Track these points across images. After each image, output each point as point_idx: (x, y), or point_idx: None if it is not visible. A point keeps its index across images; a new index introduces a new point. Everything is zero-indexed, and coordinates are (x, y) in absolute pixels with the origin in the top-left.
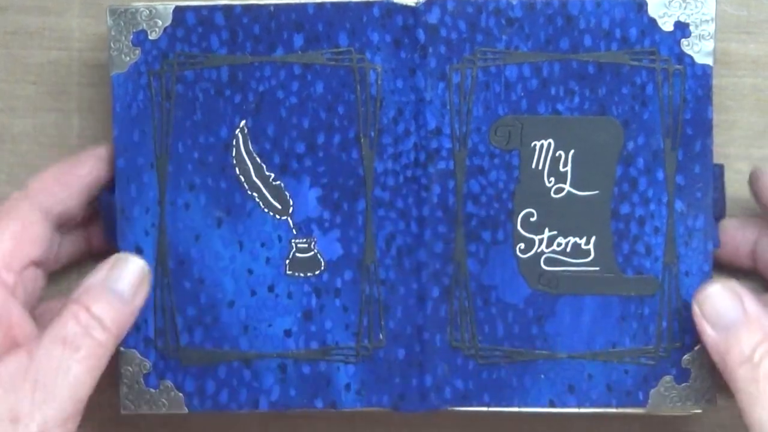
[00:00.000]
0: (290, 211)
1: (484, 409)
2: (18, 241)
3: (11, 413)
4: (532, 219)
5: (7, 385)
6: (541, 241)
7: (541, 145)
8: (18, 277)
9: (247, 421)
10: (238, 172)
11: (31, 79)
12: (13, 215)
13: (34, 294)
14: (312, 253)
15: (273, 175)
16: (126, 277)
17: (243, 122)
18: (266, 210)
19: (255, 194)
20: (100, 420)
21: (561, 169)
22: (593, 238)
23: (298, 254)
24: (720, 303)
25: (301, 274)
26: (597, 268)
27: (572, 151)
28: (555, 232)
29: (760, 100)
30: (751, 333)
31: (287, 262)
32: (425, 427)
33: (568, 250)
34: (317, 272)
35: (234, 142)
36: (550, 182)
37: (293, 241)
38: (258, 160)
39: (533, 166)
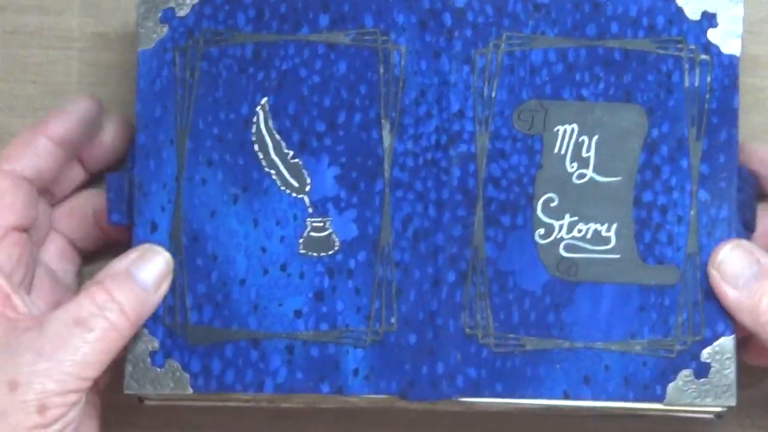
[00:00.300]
0: (307, 189)
1: (497, 400)
2: None
3: (10, 380)
4: (552, 204)
5: (13, 352)
6: (561, 227)
7: (565, 130)
8: None
9: (247, 421)
10: (256, 148)
11: (31, 79)
12: None
13: (22, 259)
14: (327, 232)
15: (292, 152)
16: (152, 268)
17: (264, 99)
18: (283, 188)
19: (272, 171)
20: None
21: (584, 154)
22: (614, 225)
23: (312, 233)
24: (736, 262)
25: (315, 254)
26: (617, 256)
27: (596, 137)
28: (576, 218)
29: (760, 99)
30: None
31: (301, 241)
32: (426, 428)
33: (589, 236)
34: (331, 252)
35: (254, 119)
36: (572, 167)
37: (308, 220)
38: (277, 137)
39: (556, 150)
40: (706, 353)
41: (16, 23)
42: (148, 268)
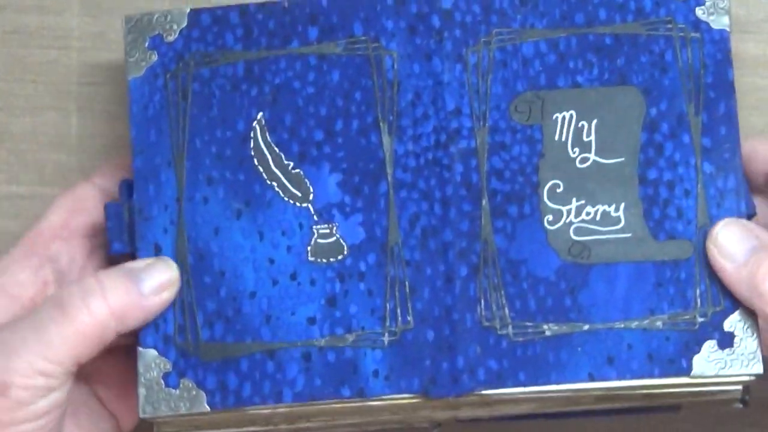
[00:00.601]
0: (311, 197)
1: (520, 389)
2: (70, 213)
3: None
4: (558, 190)
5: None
6: (569, 212)
7: (563, 117)
8: (63, 244)
9: None
10: (256, 163)
11: (31, 78)
12: (69, 194)
13: (79, 264)
14: (334, 238)
15: (292, 163)
16: (155, 273)
17: (260, 114)
18: (286, 198)
19: (274, 183)
20: None
21: (585, 138)
22: (622, 205)
23: (320, 240)
24: (734, 237)
25: (324, 260)
26: (628, 235)
27: (595, 121)
28: (583, 201)
29: (760, 99)
30: None
31: (309, 248)
32: None
33: (598, 218)
34: (340, 257)
35: (252, 135)
36: (574, 152)
37: (314, 227)
38: (276, 149)
39: (556, 138)
40: (728, 323)
41: (16, 23)
42: (151, 273)
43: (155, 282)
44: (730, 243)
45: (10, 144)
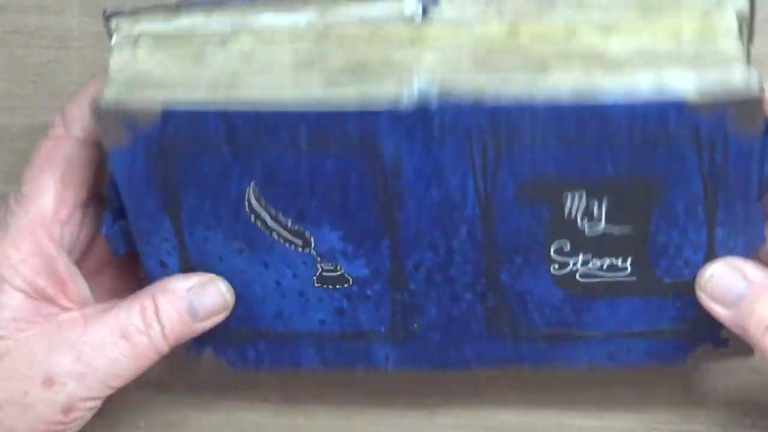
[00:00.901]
0: (312, 245)
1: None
2: (64, 185)
3: (47, 377)
4: (565, 249)
5: (54, 348)
6: (575, 263)
7: (573, 196)
8: (65, 226)
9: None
10: (253, 219)
11: (30, 79)
12: (56, 156)
13: (80, 236)
14: (339, 273)
15: (290, 220)
16: (207, 299)
17: (252, 183)
18: (287, 245)
19: (274, 234)
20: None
21: (594, 213)
22: (629, 258)
23: (324, 273)
24: (722, 281)
25: (330, 287)
26: (634, 278)
27: (605, 199)
28: (589, 255)
29: None
30: (762, 300)
31: (315, 278)
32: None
33: (605, 267)
34: (346, 285)
35: (246, 199)
36: (582, 224)
37: (319, 264)
38: (273, 209)
39: (565, 215)
40: (724, 332)
41: (16, 23)
42: (204, 299)
43: (206, 307)
44: (719, 289)
45: (10, 144)
